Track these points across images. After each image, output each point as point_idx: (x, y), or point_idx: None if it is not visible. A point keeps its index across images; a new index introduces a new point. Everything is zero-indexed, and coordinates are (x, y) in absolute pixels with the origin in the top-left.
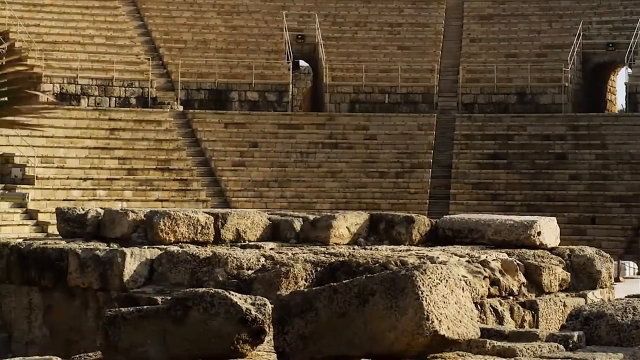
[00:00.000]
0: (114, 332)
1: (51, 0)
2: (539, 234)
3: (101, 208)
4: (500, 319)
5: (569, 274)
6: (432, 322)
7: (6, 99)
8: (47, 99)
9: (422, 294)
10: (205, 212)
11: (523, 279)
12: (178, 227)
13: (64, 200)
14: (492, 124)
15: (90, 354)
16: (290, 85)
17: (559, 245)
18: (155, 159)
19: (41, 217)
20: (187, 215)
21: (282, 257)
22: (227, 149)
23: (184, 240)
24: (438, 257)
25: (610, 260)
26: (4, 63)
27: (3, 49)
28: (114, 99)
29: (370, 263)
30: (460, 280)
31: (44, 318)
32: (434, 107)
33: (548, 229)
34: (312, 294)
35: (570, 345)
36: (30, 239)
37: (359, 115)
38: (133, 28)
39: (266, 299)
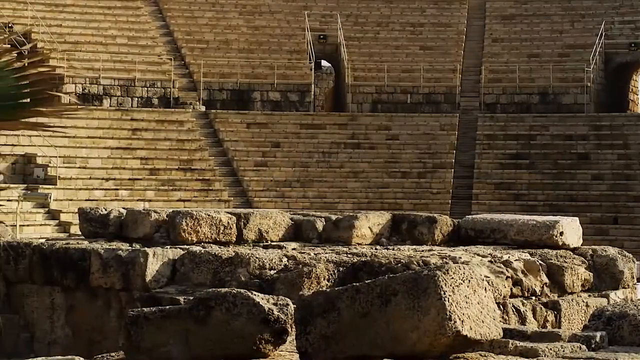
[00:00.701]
0: (137, 332)
1: (73, 1)
2: (561, 234)
3: (123, 208)
4: (522, 319)
5: (591, 274)
6: (455, 322)
7: (28, 100)
8: (69, 100)
9: (444, 294)
10: (228, 212)
11: (545, 279)
12: (200, 227)
13: (86, 200)
14: (514, 124)
15: (113, 354)
16: (313, 86)
17: (582, 245)
18: (178, 159)
19: (63, 217)
20: (209, 215)
21: (304, 257)
22: (249, 149)
23: (207, 240)
24: (460, 257)
25: (633, 261)
26: (26, 64)
27: (26, 49)
28: (136, 99)
29: (392, 263)
30: (483, 280)
31: (67, 318)
32: (456, 107)
33: (570, 229)
34: (334, 294)
35: (593, 346)
36: (53, 239)
37: (381, 115)
38: (155, 28)
39: (288, 299)
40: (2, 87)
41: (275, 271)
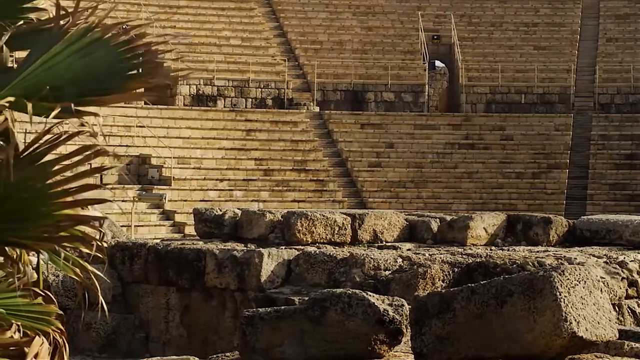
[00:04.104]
0: (252, 333)
1: (187, 2)
2: None
3: (238, 209)
4: (638, 321)
5: None
6: (570, 323)
7: (136, 72)
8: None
9: (560, 295)
10: (342, 213)
11: None
12: (315, 228)
13: (200, 201)
14: (629, 124)
15: (228, 354)
16: (426, 86)
17: None
18: (292, 160)
19: (178, 218)
20: (324, 216)
21: (419, 258)
22: (363, 149)
23: (321, 240)
24: (576, 258)
25: None
26: (133, 36)
27: (127, 25)
28: (250, 100)
29: (507, 264)
30: (598, 281)
31: (181, 318)
32: (571, 107)
33: None
34: (449, 295)
35: None
36: (168, 239)
37: (495, 115)
38: (269, 29)
39: (403, 300)
40: (109, 60)
41: (390, 272)
